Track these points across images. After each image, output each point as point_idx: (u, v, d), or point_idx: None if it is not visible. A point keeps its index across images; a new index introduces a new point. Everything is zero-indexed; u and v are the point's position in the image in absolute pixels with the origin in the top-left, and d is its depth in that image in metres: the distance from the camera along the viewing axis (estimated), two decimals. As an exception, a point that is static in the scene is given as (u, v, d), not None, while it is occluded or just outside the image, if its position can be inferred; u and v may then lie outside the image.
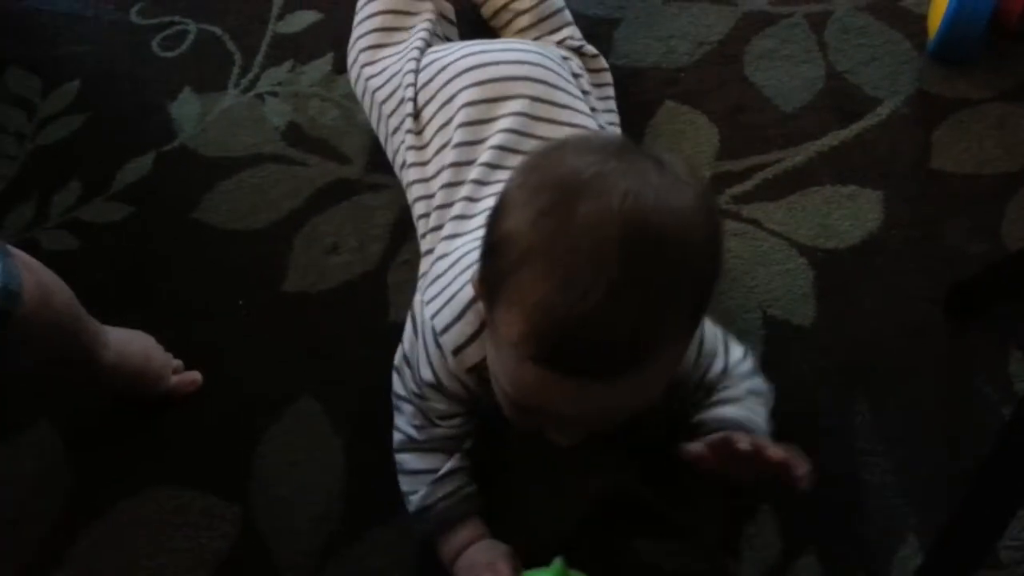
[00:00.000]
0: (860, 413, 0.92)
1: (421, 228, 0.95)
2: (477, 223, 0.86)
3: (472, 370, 0.78)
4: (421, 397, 0.82)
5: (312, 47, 1.25)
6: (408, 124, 0.97)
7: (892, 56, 1.17)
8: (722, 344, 0.83)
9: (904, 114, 1.11)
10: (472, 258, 0.78)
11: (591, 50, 1.09)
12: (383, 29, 1.08)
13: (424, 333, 0.80)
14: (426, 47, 1.04)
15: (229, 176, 1.15)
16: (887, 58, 1.17)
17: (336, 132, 1.17)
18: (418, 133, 0.97)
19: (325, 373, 0.99)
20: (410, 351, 0.83)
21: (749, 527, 0.87)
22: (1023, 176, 1.05)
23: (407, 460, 0.85)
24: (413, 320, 0.83)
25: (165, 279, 1.08)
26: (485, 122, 0.93)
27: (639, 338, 0.61)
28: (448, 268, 0.82)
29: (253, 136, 1.18)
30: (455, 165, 0.92)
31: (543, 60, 0.98)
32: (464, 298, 0.77)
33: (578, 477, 0.90)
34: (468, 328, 0.77)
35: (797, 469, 0.68)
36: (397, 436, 0.85)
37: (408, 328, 0.84)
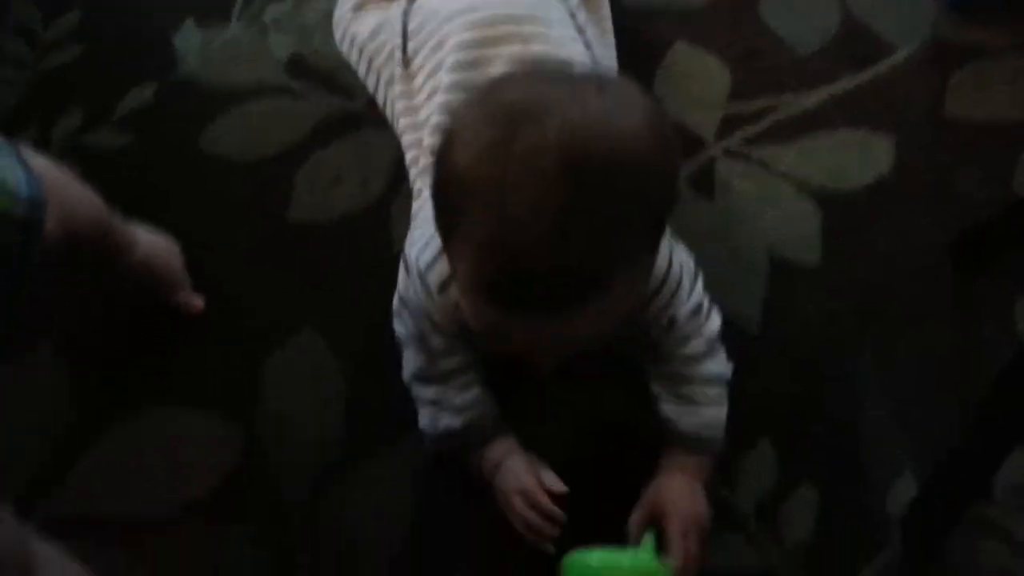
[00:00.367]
0: (864, 354, 0.92)
1: (412, 173, 0.93)
2: None
3: (458, 305, 0.78)
4: (421, 337, 0.82)
5: (318, -21, 1.23)
6: (399, 73, 0.94)
7: (910, 2, 1.15)
8: (690, 280, 0.81)
9: (919, 60, 1.10)
10: None
11: None
12: None
13: (412, 273, 0.80)
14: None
15: (231, 108, 1.13)
16: (904, 4, 1.15)
17: (340, 65, 1.14)
18: (408, 81, 0.94)
19: (327, 305, 0.99)
20: (404, 292, 0.82)
21: (746, 460, 0.88)
22: (1037, 125, 1.05)
23: (421, 390, 0.84)
24: (405, 262, 0.83)
25: (166, 209, 1.07)
26: (477, 65, 0.88)
27: (589, 269, 0.60)
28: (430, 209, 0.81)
29: (256, 68, 1.16)
30: (445, 107, 0.87)
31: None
32: None
33: (574, 403, 0.91)
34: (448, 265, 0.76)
35: None
36: (406, 373, 0.85)
37: (401, 270, 0.83)
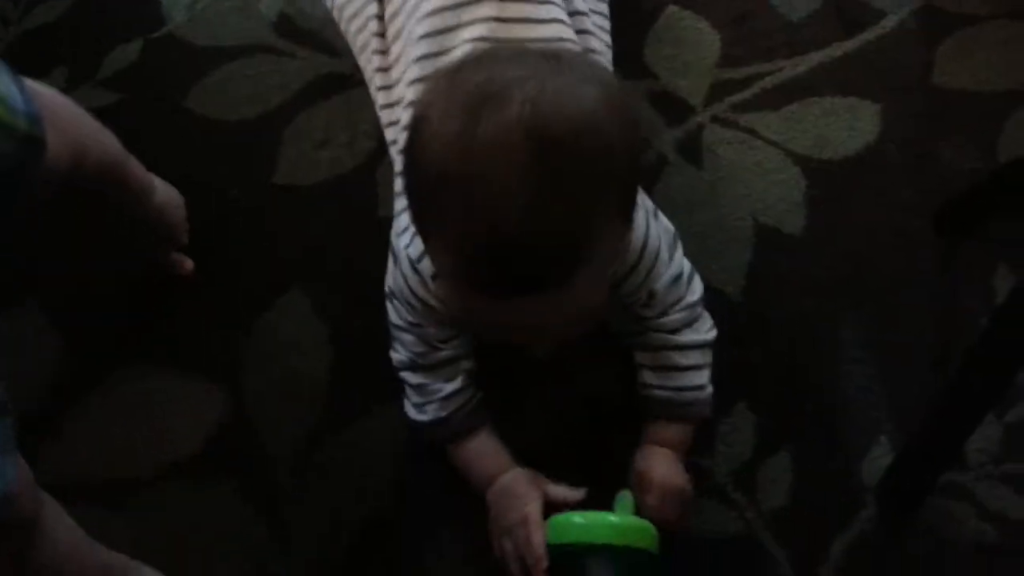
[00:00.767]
0: (843, 320, 0.93)
1: (393, 151, 0.91)
2: None
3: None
4: (417, 325, 0.82)
5: (306, -64, 1.21)
6: (374, 44, 0.92)
7: (900, -32, 1.14)
8: (668, 252, 0.81)
9: (909, 28, 1.09)
10: None
11: None
12: None
13: (402, 263, 0.80)
14: None
15: (218, 66, 1.12)
16: (895, -30, 1.14)
17: (328, 24, 1.13)
18: (384, 52, 0.92)
19: (313, 266, 0.99)
20: (394, 282, 0.82)
21: (724, 425, 0.89)
22: (1024, 95, 1.04)
23: (412, 377, 0.85)
24: (393, 252, 0.82)
25: (152, 169, 1.06)
26: (449, 31, 0.84)
27: (568, 244, 0.61)
28: None
29: (243, 26, 1.15)
30: (417, 82, 0.84)
31: None
32: None
33: (559, 384, 0.91)
34: None
35: None
36: (398, 357, 0.85)
37: (390, 259, 0.83)
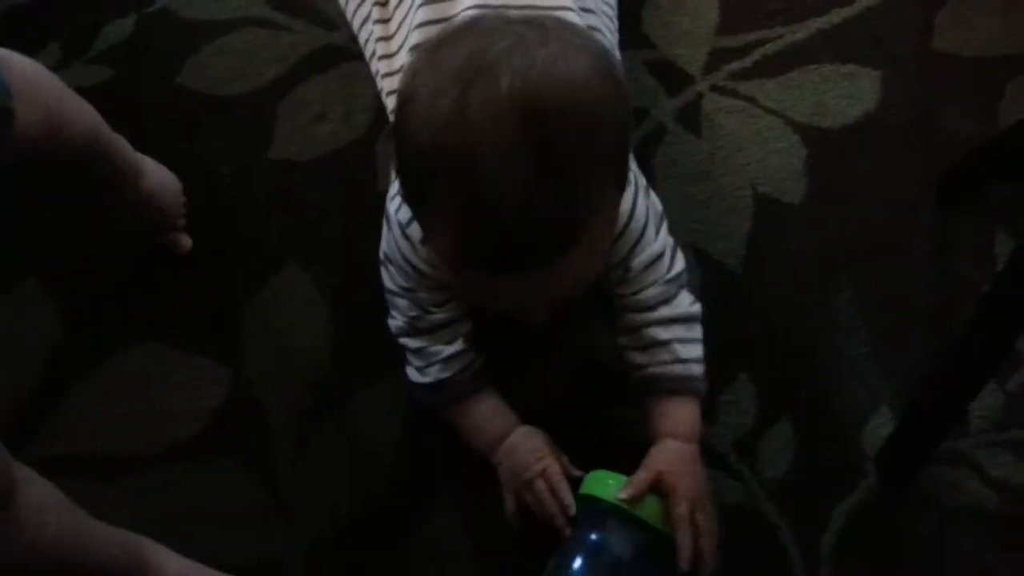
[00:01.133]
0: (843, 289, 0.93)
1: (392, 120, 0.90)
2: None
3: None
4: (410, 290, 0.82)
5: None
6: (376, 13, 0.91)
7: (901, -68, 1.13)
8: (654, 227, 0.80)
9: (909, -7, 1.08)
10: None
11: None
12: None
13: (394, 227, 0.80)
14: None
15: (213, 40, 1.11)
16: (895, -66, 1.13)
17: (322, -4, 1.13)
18: (385, 22, 0.91)
19: (311, 241, 0.99)
20: (388, 248, 0.82)
21: (725, 395, 0.89)
22: (1024, 60, 1.04)
23: (411, 342, 0.84)
24: (387, 217, 0.82)
25: (147, 145, 1.05)
26: None
27: (566, 217, 0.60)
28: None
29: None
30: (418, 48, 0.82)
31: None
32: None
33: (558, 352, 0.91)
34: None
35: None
36: (395, 323, 0.85)
37: (384, 224, 0.83)
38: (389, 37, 0.90)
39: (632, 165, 0.80)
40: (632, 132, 0.66)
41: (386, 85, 0.91)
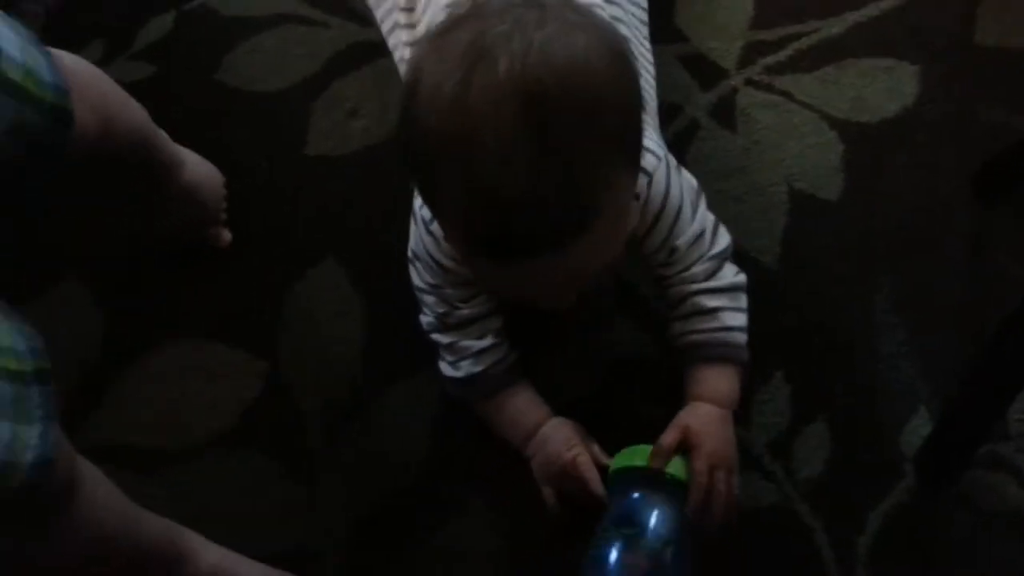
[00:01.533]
0: (880, 286, 0.92)
1: None
2: None
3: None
4: (436, 286, 0.82)
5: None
6: (403, 19, 0.91)
7: (942, -78, 1.11)
8: (691, 206, 0.80)
9: (950, -16, 1.06)
10: None
11: None
12: None
13: (419, 224, 0.80)
14: None
15: (250, 37, 1.13)
16: (936, -76, 1.11)
17: (358, -7, 1.14)
18: (410, 10, 0.91)
19: (347, 236, 1.00)
20: (415, 244, 0.82)
21: (760, 394, 0.88)
22: (1069, 53, 1.01)
23: (442, 338, 0.85)
24: (413, 214, 0.82)
25: (186, 140, 1.07)
26: None
27: (574, 203, 0.60)
28: None
29: (274, -4, 1.15)
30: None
31: None
32: None
33: (586, 349, 0.92)
34: None
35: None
36: (426, 319, 0.86)
37: (411, 222, 0.83)
38: (414, 25, 0.90)
39: (661, 145, 0.80)
40: (640, 109, 0.65)
41: (407, 53, 0.90)
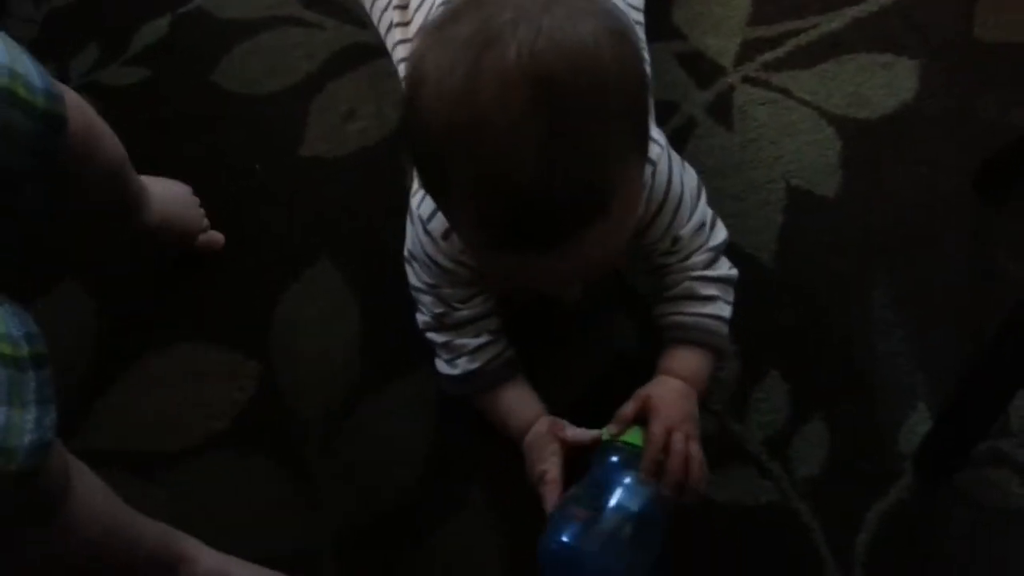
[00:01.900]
0: (878, 284, 0.91)
1: None
2: None
3: (465, 251, 0.77)
4: (434, 286, 0.82)
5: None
6: (397, 17, 0.92)
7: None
8: (692, 198, 0.80)
9: (949, -21, 1.06)
10: None
11: None
12: None
13: (416, 224, 0.80)
14: None
15: (246, 39, 1.13)
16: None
17: (353, -6, 1.13)
18: (403, 7, 0.92)
19: (342, 237, 1.00)
20: (411, 245, 0.82)
21: (758, 392, 0.88)
22: (1070, 47, 1.01)
23: (437, 337, 0.85)
24: (409, 213, 0.82)
25: (182, 143, 1.07)
26: None
27: (588, 188, 0.59)
28: None
29: (269, -2, 1.15)
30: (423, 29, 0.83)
31: None
32: None
33: (584, 348, 0.91)
34: None
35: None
36: (422, 319, 0.85)
37: (407, 221, 0.83)
38: (407, 23, 0.90)
39: (662, 135, 0.80)
40: (649, 93, 0.64)
41: (404, 70, 0.90)
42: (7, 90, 0.64)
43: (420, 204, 0.78)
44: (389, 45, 0.95)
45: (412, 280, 0.84)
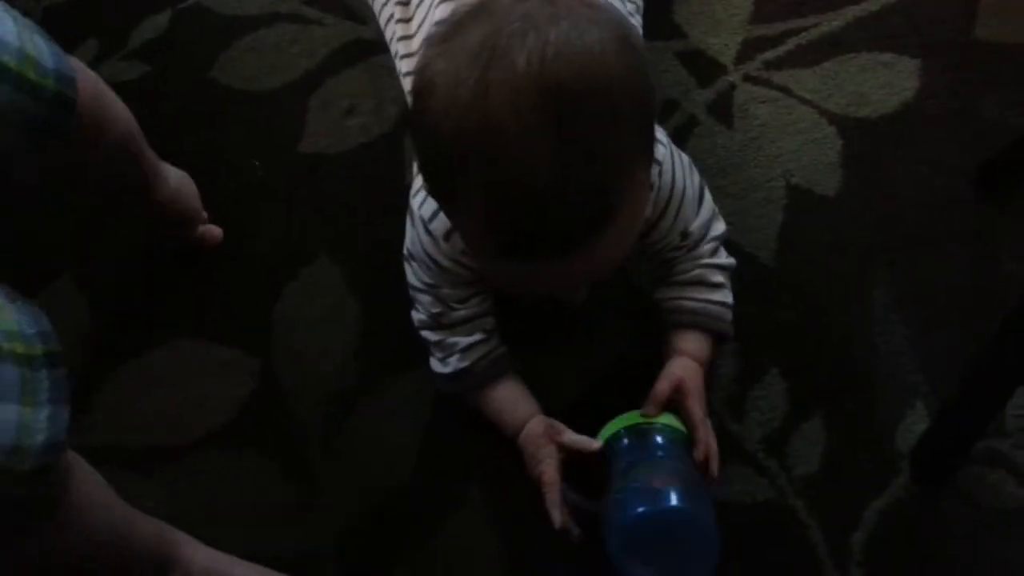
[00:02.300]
0: (878, 283, 0.91)
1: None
2: None
3: (466, 251, 0.77)
4: (433, 286, 0.82)
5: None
6: (398, 12, 0.91)
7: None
8: (695, 192, 0.81)
9: (951, -21, 1.05)
10: None
11: None
12: None
13: (417, 223, 0.80)
14: None
15: (245, 35, 1.12)
16: (937, -82, 1.10)
17: (353, -10, 1.13)
18: (407, 21, 0.91)
19: (341, 234, 0.99)
20: (411, 244, 0.82)
21: (756, 390, 0.88)
22: (1072, 47, 1.00)
23: (431, 335, 0.85)
24: (409, 212, 0.82)
25: (181, 139, 1.07)
26: None
27: (599, 196, 0.59)
28: None
29: (269, -6, 1.15)
30: (430, 38, 0.85)
31: None
32: None
33: (583, 344, 0.91)
34: None
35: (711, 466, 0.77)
36: (418, 316, 0.85)
37: (407, 220, 0.83)
38: (410, 36, 0.90)
39: (664, 133, 0.80)
40: (656, 98, 0.64)
41: (407, 84, 0.90)
42: (16, 73, 0.63)
43: (422, 204, 0.78)
44: (389, 39, 0.95)
45: (411, 279, 0.84)
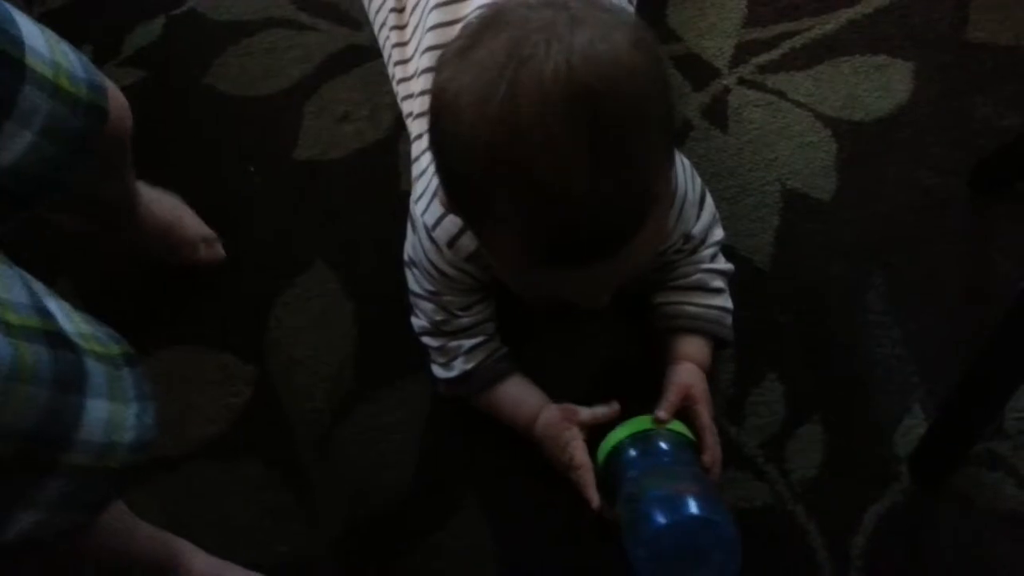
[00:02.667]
0: (874, 285, 0.91)
1: (409, 122, 0.89)
2: None
3: (471, 258, 0.77)
4: (436, 293, 0.82)
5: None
6: (392, 19, 0.91)
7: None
8: (697, 195, 0.82)
9: (943, -19, 1.06)
10: None
11: None
12: None
13: (419, 230, 0.79)
14: None
15: (239, 41, 1.12)
16: (929, -79, 1.10)
17: (347, -4, 1.13)
18: (401, 28, 0.91)
19: (337, 241, 0.99)
20: (413, 250, 0.82)
21: (753, 394, 0.88)
22: (1064, 48, 1.01)
23: (432, 341, 0.85)
24: (411, 218, 0.82)
25: (176, 145, 1.07)
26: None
27: (634, 200, 0.59)
28: (430, 163, 0.78)
29: (264, 0, 1.14)
30: (432, 49, 0.82)
31: None
32: None
33: (583, 349, 0.91)
34: (457, 219, 0.74)
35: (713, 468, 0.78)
36: (419, 323, 0.85)
37: (408, 227, 0.83)
38: (405, 43, 0.89)
39: None
40: (675, 97, 0.64)
41: (401, 90, 0.90)
42: (51, 83, 0.62)
43: (424, 211, 0.78)
44: (383, 45, 0.95)
45: (412, 286, 0.84)
